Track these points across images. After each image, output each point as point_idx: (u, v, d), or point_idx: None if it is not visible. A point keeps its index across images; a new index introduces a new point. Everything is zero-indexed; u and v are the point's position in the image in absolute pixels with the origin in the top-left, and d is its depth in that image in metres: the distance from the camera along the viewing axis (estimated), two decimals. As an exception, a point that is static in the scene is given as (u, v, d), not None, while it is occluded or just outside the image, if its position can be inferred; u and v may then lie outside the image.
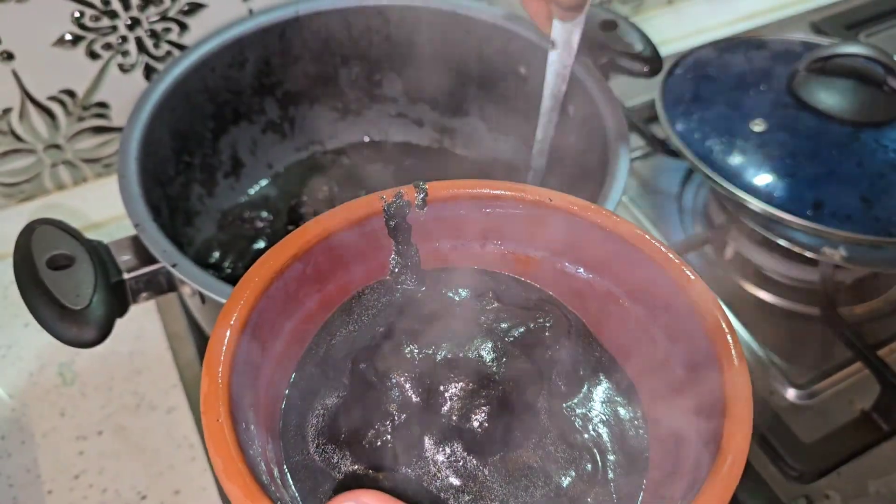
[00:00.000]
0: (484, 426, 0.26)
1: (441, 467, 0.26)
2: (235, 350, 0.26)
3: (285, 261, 0.29)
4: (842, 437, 0.52)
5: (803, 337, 0.58)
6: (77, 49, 0.57)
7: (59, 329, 0.37)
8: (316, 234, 0.30)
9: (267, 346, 0.29)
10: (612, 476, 0.26)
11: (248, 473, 0.23)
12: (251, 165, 0.57)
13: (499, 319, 0.29)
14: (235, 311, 0.27)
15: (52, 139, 0.61)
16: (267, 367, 0.28)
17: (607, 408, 0.28)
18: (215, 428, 0.24)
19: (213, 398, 0.24)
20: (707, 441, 0.24)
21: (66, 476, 0.51)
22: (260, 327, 0.28)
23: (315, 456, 0.27)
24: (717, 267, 0.62)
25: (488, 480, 0.26)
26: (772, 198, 0.54)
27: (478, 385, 0.27)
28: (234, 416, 0.24)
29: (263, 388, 0.28)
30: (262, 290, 0.28)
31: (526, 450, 0.27)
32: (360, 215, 0.31)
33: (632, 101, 0.71)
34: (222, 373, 0.25)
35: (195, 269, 0.38)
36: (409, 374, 0.27)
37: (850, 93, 0.57)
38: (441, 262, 0.33)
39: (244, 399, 0.26)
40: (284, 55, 0.54)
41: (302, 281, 0.30)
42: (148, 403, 0.55)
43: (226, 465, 0.23)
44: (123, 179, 0.42)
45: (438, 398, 0.27)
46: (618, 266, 0.30)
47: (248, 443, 0.25)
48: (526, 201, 0.31)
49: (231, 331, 0.26)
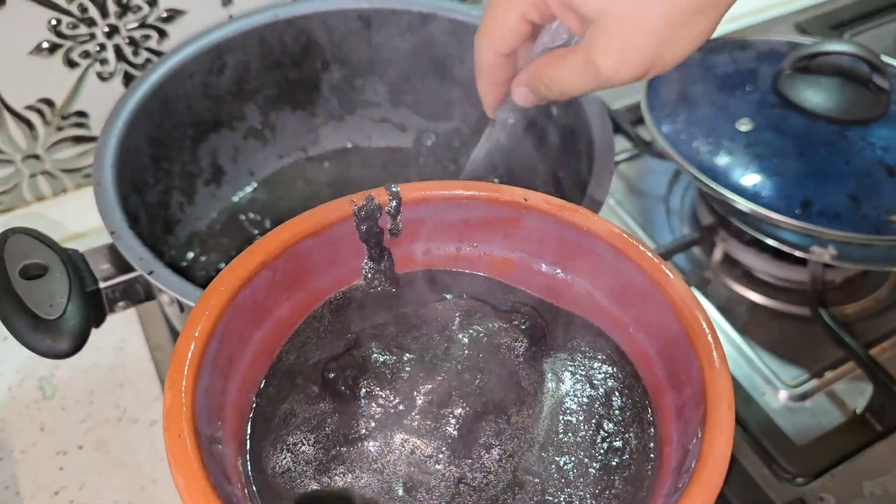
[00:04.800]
0: (457, 432, 0.25)
1: (412, 473, 0.25)
2: (200, 362, 0.25)
3: (252, 268, 0.28)
4: (835, 439, 0.51)
5: (794, 338, 0.57)
6: (54, 57, 0.57)
7: (32, 340, 0.36)
8: (284, 240, 0.29)
9: (235, 356, 0.28)
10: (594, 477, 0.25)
11: (212, 491, 0.22)
12: (232, 173, 0.56)
13: (473, 322, 0.28)
14: (200, 321, 0.26)
15: (31, 149, 0.60)
16: (236, 377, 0.28)
17: (587, 409, 0.27)
18: (177, 444, 0.23)
19: (175, 413, 0.24)
20: (688, 444, 0.23)
21: (46, 492, 0.50)
22: (227, 337, 0.27)
23: (283, 467, 0.26)
24: (705, 269, 0.62)
25: (462, 485, 0.25)
26: (760, 197, 0.53)
27: (451, 391, 0.26)
28: (199, 431, 0.24)
29: (231, 398, 0.27)
30: (229, 299, 0.27)
31: (501, 455, 0.26)
32: (329, 220, 0.30)
33: (617, 103, 0.71)
34: (186, 387, 0.24)
35: (172, 276, 0.37)
36: (381, 381, 0.26)
37: (835, 91, 0.57)
38: (416, 266, 0.32)
39: (210, 410, 0.25)
40: (265, 60, 0.54)
41: (271, 288, 0.29)
42: (129, 417, 0.54)
43: (188, 484, 0.22)
44: (99, 187, 0.41)
45: (411, 406, 0.26)
46: (595, 266, 0.29)
47: (213, 457, 0.24)
48: (501, 202, 0.30)
49: (195, 343, 0.26)
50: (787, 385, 0.54)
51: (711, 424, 0.22)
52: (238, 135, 0.56)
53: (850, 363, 0.54)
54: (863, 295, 0.60)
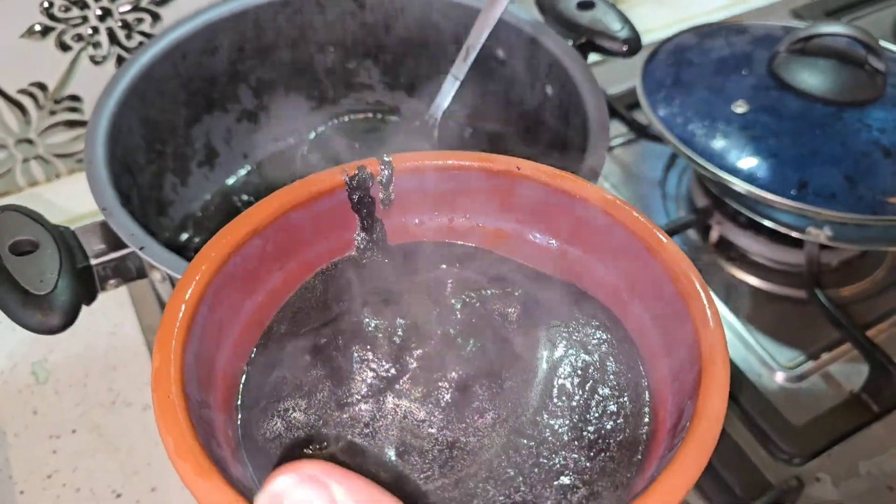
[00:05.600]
0: (450, 397, 0.25)
1: (405, 438, 0.25)
2: (190, 326, 0.25)
3: (243, 236, 0.28)
4: (831, 419, 0.51)
5: (790, 320, 0.57)
6: (47, 40, 0.56)
7: (23, 315, 0.36)
8: (275, 209, 0.29)
9: (226, 323, 0.28)
10: (588, 440, 0.25)
11: (201, 450, 0.22)
12: (226, 155, 0.56)
13: (466, 289, 0.28)
14: (190, 285, 0.26)
15: (24, 134, 0.60)
16: (226, 345, 0.27)
17: (581, 375, 0.27)
18: (166, 405, 0.23)
19: (164, 374, 0.23)
20: (683, 405, 0.23)
21: (39, 476, 0.50)
22: (217, 304, 0.27)
23: (275, 433, 0.26)
24: (702, 252, 0.62)
25: (455, 448, 0.25)
26: (756, 179, 0.53)
27: (444, 356, 0.26)
28: (187, 392, 0.23)
29: (222, 365, 0.27)
30: (219, 265, 0.27)
31: (495, 419, 0.26)
32: (321, 189, 0.30)
33: (613, 88, 0.71)
34: (175, 348, 0.24)
35: (163, 251, 0.37)
36: (373, 347, 0.26)
37: (831, 73, 0.57)
38: (409, 237, 0.32)
39: (200, 376, 0.25)
40: (258, 42, 0.53)
41: (263, 258, 0.29)
42: (123, 400, 0.53)
43: (177, 443, 0.22)
44: (90, 165, 0.41)
45: (403, 371, 0.26)
46: (589, 234, 0.29)
47: (202, 420, 0.24)
48: (493, 171, 0.30)
49: (185, 305, 0.25)
50: (784, 367, 0.54)
51: (706, 383, 0.22)
52: (232, 117, 0.55)
53: (847, 344, 0.54)
54: (859, 277, 0.59)
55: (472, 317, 0.27)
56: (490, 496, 0.24)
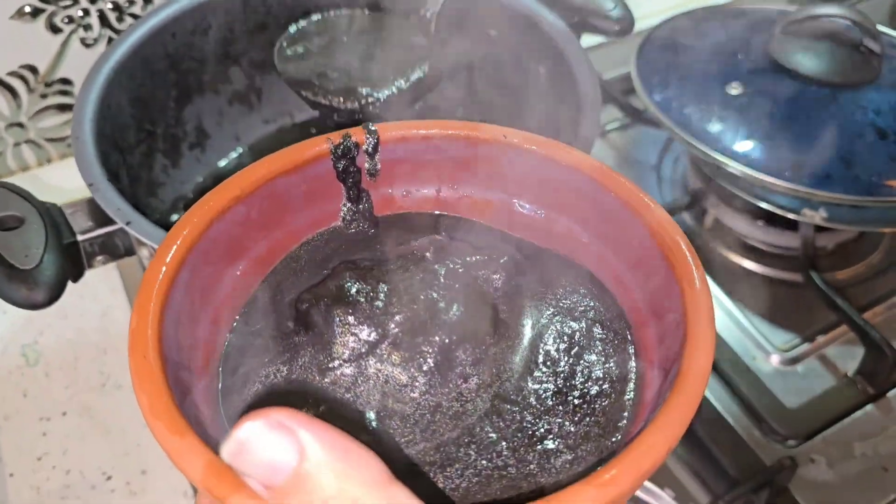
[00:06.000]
0: (433, 361, 0.25)
1: (387, 402, 0.25)
2: (169, 289, 0.25)
3: (226, 203, 0.27)
4: (826, 402, 0.51)
5: (786, 304, 0.57)
6: (37, 22, 0.56)
7: (8, 289, 0.35)
8: (259, 176, 0.28)
9: (208, 290, 0.27)
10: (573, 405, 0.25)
11: (176, 410, 0.21)
12: (217, 137, 0.55)
13: (451, 255, 0.28)
14: (171, 249, 0.25)
15: (15, 117, 0.60)
16: (208, 311, 0.27)
17: (567, 341, 0.26)
18: (142, 365, 0.22)
19: (141, 335, 0.23)
20: (669, 367, 0.23)
21: (29, 458, 0.49)
22: (199, 270, 0.26)
23: (256, 398, 0.25)
24: (697, 236, 0.61)
25: (438, 413, 0.24)
26: (751, 160, 0.53)
27: (427, 320, 0.25)
28: (165, 354, 0.23)
29: (204, 331, 0.27)
30: (201, 231, 0.26)
31: (479, 384, 0.25)
32: (306, 157, 0.29)
33: (609, 73, 0.70)
34: (153, 311, 0.24)
35: (150, 226, 0.37)
36: (355, 311, 0.26)
37: (827, 55, 0.56)
38: (395, 208, 0.32)
39: (180, 340, 0.25)
40: (249, 23, 0.53)
41: (247, 225, 0.29)
42: (114, 383, 0.53)
43: (151, 402, 0.21)
44: (77, 140, 0.41)
45: (385, 335, 0.26)
46: (576, 201, 0.28)
47: (180, 382, 0.23)
48: (480, 140, 0.30)
49: (166, 268, 0.25)
50: (779, 349, 0.53)
51: (691, 343, 0.22)
52: (223, 99, 0.55)
53: (842, 327, 0.54)
54: (854, 261, 0.59)
55: (457, 282, 0.27)
56: (471, 460, 0.23)
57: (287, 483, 0.17)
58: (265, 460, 0.18)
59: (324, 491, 0.17)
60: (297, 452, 0.17)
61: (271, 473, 0.18)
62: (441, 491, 0.23)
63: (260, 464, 0.18)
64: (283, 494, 0.18)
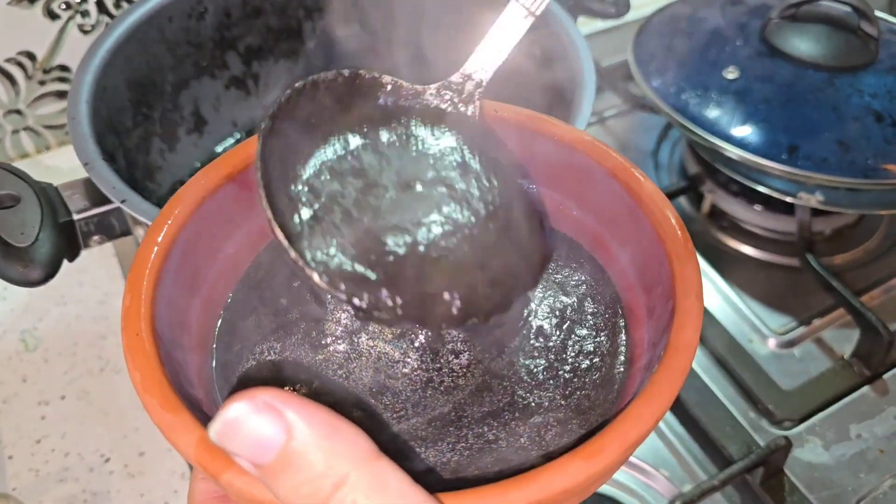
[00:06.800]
0: (424, 338, 0.25)
1: (379, 378, 0.25)
2: (162, 267, 0.25)
3: (218, 181, 0.27)
4: (822, 384, 0.51)
5: (782, 288, 0.57)
6: (35, 8, 0.56)
7: (3, 267, 0.36)
8: (251, 153, 0.28)
9: (201, 268, 0.27)
10: (564, 379, 0.25)
11: (168, 386, 0.21)
12: (214, 122, 0.55)
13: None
14: (163, 228, 0.26)
15: (13, 104, 0.60)
16: (202, 289, 0.27)
17: (559, 316, 0.27)
18: (135, 342, 0.22)
19: (133, 313, 0.23)
20: (658, 341, 0.23)
21: (28, 441, 0.50)
22: (191, 249, 0.27)
23: (249, 376, 0.25)
24: (694, 221, 0.61)
25: (429, 388, 0.25)
26: (748, 144, 0.53)
27: None
28: (158, 331, 0.23)
29: (197, 311, 0.27)
30: (193, 209, 0.26)
31: (470, 360, 0.25)
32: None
33: (607, 60, 0.70)
34: (146, 288, 0.24)
35: (146, 204, 0.37)
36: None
37: (823, 39, 0.56)
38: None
39: (173, 317, 0.25)
40: (245, 7, 0.53)
41: (240, 203, 0.29)
42: (112, 367, 0.53)
43: (144, 378, 0.22)
44: (73, 121, 0.41)
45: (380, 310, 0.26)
46: (566, 175, 0.28)
47: (173, 359, 0.23)
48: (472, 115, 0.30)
49: (158, 247, 0.25)
50: (775, 332, 0.53)
51: (679, 316, 0.22)
52: (220, 83, 0.55)
53: (838, 311, 0.54)
54: (851, 246, 0.59)
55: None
56: (462, 434, 0.24)
57: (275, 462, 0.18)
58: (252, 440, 0.18)
59: (312, 468, 0.17)
60: (284, 432, 0.18)
61: (259, 453, 0.18)
62: (432, 465, 0.23)
63: (247, 443, 0.18)
64: (272, 473, 0.18)
